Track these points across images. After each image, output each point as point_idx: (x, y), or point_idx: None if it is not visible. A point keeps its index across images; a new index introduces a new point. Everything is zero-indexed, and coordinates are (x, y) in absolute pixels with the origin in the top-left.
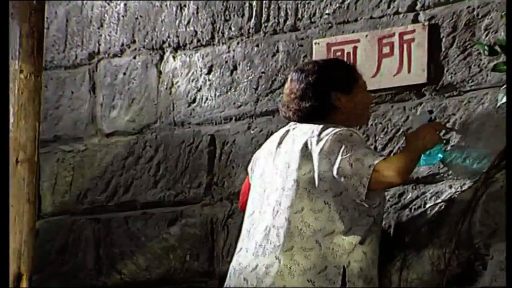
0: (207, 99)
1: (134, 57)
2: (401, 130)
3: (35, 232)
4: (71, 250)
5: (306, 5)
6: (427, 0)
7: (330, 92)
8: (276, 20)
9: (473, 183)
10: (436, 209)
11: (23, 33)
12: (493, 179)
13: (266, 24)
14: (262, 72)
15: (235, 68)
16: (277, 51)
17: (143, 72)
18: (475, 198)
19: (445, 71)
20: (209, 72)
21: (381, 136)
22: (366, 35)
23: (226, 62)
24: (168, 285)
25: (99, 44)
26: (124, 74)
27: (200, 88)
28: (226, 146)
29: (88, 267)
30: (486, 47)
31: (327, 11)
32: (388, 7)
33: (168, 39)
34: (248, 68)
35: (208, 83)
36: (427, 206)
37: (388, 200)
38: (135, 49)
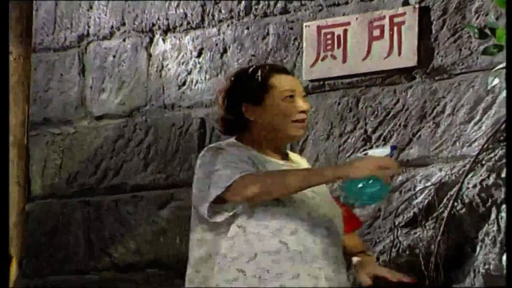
0: (197, 82)
1: (124, 40)
2: (391, 113)
3: (25, 215)
4: (61, 233)
5: None
6: None
7: (241, 104)
8: (266, 3)
9: (462, 166)
10: (426, 192)
11: (13, 16)
12: (482, 162)
13: (256, 7)
14: (252, 55)
15: (225, 51)
16: (267, 34)
17: (133, 55)
18: (464, 181)
19: (435, 54)
20: (199, 55)
21: (371, 119)
22: (357, 18)
23: (216, 45)
24: (158, 268)
25: (89, 27)
26: (114, 56)
27: (190, 71)
28: (216, 129)
29: (78, 250)
30: (476, 30)
31: None
32: None
33: (158, 22)
34: (238, 51)
35: (198, 66)
36: (417, 189)
37: None
38: (125, 31)
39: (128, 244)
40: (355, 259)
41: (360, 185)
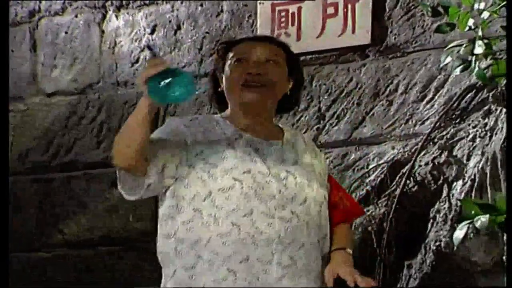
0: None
1: (76, 16)
2: (345, 91)
3: None
4: (13, 211)
5: None
6: None
7: (216, 74)
8: None
9: (414, 144)
10: (379, 170)
11: None
12: (434, 141)
13: None
14: (206, 32)
15: (179, 28)
16: (222, 11)
17: (85, 31)
18: (416, 159)
19: (389, 32)
20: (152, 32)
21: (325, 97)
22: None
23: (170, 21)
24: (110, 245)
25: (40, 2)
26: (66, 32)
27: (144, 48)
28: (170, 106)
29: (29, 227)
30: (429, 8)
31: None
32: None
33: None
34: (192, 28)
35: (151, 43)
36: (370, 167)
37: (331, 161)
38: (77, 7)
39: (80, 221)
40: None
41: (161, 85)
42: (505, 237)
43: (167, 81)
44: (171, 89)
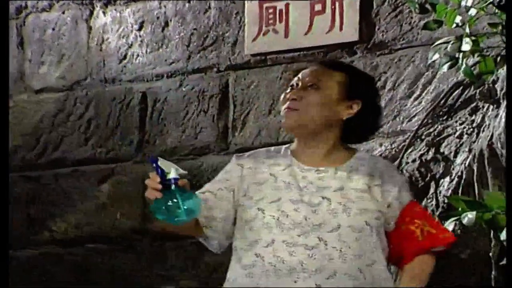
0: (138, 55)
1: (63, 12)
2: None
3: None
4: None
5: None
6: None
7: None
8: None
9: (402, 141)
10: None
11: None
12: (422, 137)
13: None
14: (194, 29)
15: (166, 24)
16: (209, 7)
17: (73, 28)
18: (404, 156)
19: (376, 29)
20: (140, 28)
21: None
22: None
23: (158, 18)
24: (99, 243)
25: None
26: (53, 29)
27: (131, 45)
28: (158, 103)
29: (18, 225)
30: (417, 5)
31: None
32: None
33: None
34: (179, 24)
35: (139, 39)
36: None
37: None
38: (64, 4)
39: (69, 218)
40: None
41: (168, 204)
42: (496, 234)
43: (175, 200)
44: (180, 209)
